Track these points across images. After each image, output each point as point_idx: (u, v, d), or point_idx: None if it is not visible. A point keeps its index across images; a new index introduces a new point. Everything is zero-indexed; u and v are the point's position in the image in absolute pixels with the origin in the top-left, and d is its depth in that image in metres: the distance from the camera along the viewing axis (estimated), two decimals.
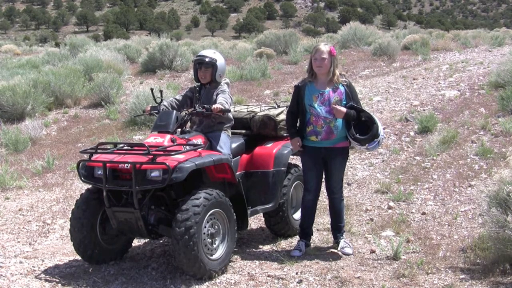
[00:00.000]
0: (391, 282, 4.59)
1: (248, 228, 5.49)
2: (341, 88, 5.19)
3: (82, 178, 4.86)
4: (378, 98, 11.87)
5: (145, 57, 17.62)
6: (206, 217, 4.58)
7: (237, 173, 5.29)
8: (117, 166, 4.66)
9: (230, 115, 5.36)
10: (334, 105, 5.08)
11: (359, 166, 8.14)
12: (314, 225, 5.55)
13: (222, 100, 5.11)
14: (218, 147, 5.12)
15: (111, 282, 4.74)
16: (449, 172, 7.44)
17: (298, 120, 5.28)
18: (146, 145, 4.70)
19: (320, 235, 5.75)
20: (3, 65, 18.73)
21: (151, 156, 4.54)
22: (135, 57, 19.72)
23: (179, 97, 5.49)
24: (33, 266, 5.16)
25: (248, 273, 4.84)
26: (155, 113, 5.24)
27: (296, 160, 6.51)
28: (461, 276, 4.63)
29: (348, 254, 5.21)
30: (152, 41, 20.42)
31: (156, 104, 5.32)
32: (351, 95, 5.19)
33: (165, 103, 5.33)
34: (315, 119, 5.14)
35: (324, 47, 5.12)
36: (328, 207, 5.49)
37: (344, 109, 5.07)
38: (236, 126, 5.63)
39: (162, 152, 4.61)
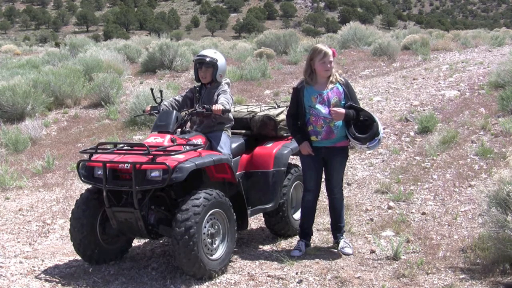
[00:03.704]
0: (391, 282, 4.59)
1: (248, 228, 5.49)
2: (340, 88, 5.19)
3: (82, 178, 4.86)
4: (378, 98, 11.87)
5: (145, 57, 17.62)
6: (206, 217, 4.58)
7: (237, 173, 5.29)
8: (117, 166, 4.66)
9: (230, 115, 5.36)
10: (332, 109, 5.08)
11: (359, 166, 8.14)
12: (314, 225, 5.55)
13: (224, 100, 5.11)
14: (218, 147, 5.12)
15: (111, 282, 4.74)
16: (449, 172, 7.44)
17: (299, 122, 5.27)
18: (146, 145, 4.69)
19: (320, 235, 5.75)
20: (3, 65, 18.70)
21: (151, 156, 4.54)
22: (135, 57, 19.72)
23: (179, 98, 5.48)
24: (33, 266, 5.16)
25: (248, 273, 4.84)
26: (155, 113, 5.24)
27: (296, 160, 6.52)
28: (461, 276, 4.63)
29: (348, 254, 5.21)
30: (152, 41, 20.40)
31: (156, 104, 5.32)
32: (349, 94, 5.19)
33: (165, 103, 5.34)
34: (314, 119, 5.14)
35: (329, 50, 5.12)
36: (328, 207, 5.49)
37: (343, 111, 5.07)
38: (236, 126, 5.63)
39: (162, 152, 4.61)
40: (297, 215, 5.75)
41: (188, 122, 5.32)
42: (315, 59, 5.13)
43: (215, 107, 5.01)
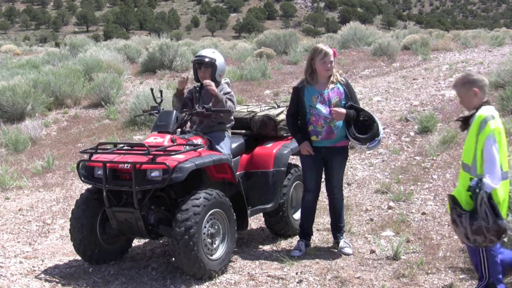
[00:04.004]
0: (391, 282, 4.59)
1: (248, 228, 5.49)
2: (340, 88, 5.19)
3: (82, 178, 4.86)
4: (378, 98, 11.87)
5: (145, 57, 17.63)
6: (206, 217, 4.58)
7: (237, 173, 5.29)
8: (117, 166, 4.66)
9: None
10: (333, 109, 5.08)
11: (359, 166, 8.14)
12: (314, 225, 5.54)
13: (230, 103, 5.11)
14: (218, 147, 5.12)
15: (111, 282, 4.74)
16: (449, 172, 7.44)
17: (298, 122, 5.27)
18: (146, 145, 4.69)
19: (320, 235, 5.75)
20: (3, 65, 18.71)
21: (151, 156, 4.54)
22: (135, 57, 19.73)
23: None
24: (33, 266, 5.16)
25: (248, 273, 4.84)
26: (155, 113, 5.24)
27: (296, 160, 6.52)
28: (461, 276, 4.63)
29: (348, 254, 5.21)
30: (152, 41, 20.41)
31: (156, 104, 5.32)
32: (349, 94, 5.19)
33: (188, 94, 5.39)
34: (315, 119, 5.14)
35: (330, 50, 5.12)
36: (328, 207, 5.49)
37: (343, 111, 5.07)
38: (236, 126, 5.63)
39: (162, 152, 4.61)
40: (297, 215, 5.75)
41: (188, 122, 5.32)
42: (316, 59, 5.12)
43: (210, 88, 5.01)
